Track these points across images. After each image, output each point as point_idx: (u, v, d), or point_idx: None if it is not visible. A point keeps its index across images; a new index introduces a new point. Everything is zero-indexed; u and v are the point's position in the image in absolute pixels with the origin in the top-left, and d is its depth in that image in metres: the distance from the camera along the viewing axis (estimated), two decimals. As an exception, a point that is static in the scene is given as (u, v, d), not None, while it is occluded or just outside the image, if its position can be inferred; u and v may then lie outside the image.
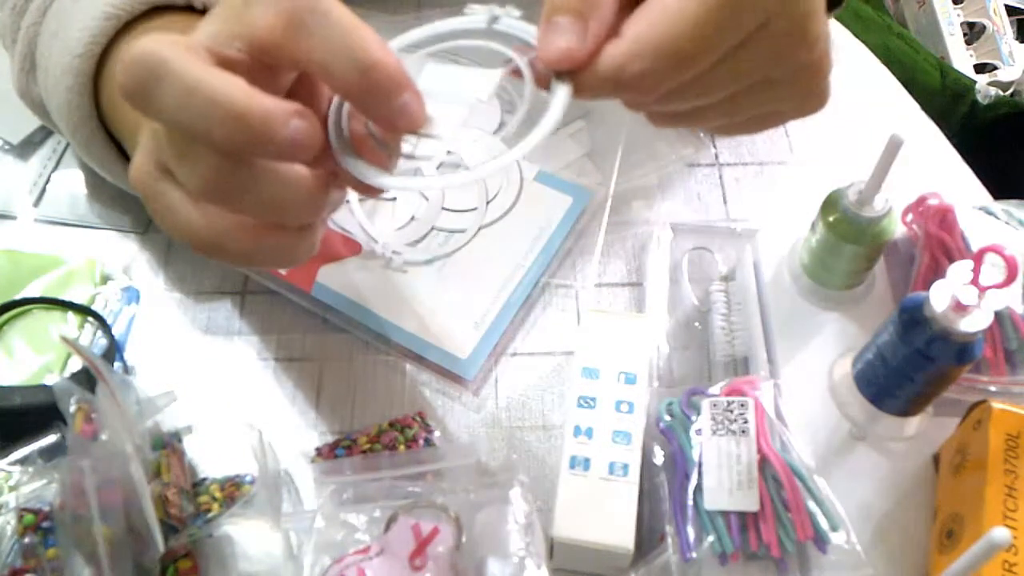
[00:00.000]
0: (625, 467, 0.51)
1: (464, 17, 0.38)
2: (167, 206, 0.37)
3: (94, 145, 0.55)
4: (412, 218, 0.64)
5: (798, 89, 0.40)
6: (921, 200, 0.57)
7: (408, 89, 0.34)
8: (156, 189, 0.37)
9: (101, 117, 0.54)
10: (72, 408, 0.49)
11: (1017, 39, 1.15)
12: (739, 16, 0.34)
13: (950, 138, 0.71)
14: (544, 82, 0.35)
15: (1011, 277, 0.45)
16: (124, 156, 0.56)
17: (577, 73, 0.34)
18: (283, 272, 0.60)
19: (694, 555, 0.47)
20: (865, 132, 0.71)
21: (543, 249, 0.63)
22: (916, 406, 0.52)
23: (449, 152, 0.60)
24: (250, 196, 0.35)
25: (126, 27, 0.52)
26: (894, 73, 0.75)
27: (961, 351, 0.47)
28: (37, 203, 0.65)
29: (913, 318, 0.48)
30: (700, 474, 0.49)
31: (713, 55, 0.34)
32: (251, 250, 0.37)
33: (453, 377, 0.58)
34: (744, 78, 0.37)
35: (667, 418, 0.52)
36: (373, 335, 0.59)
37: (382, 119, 0.35)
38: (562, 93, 0.34)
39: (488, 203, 0.64)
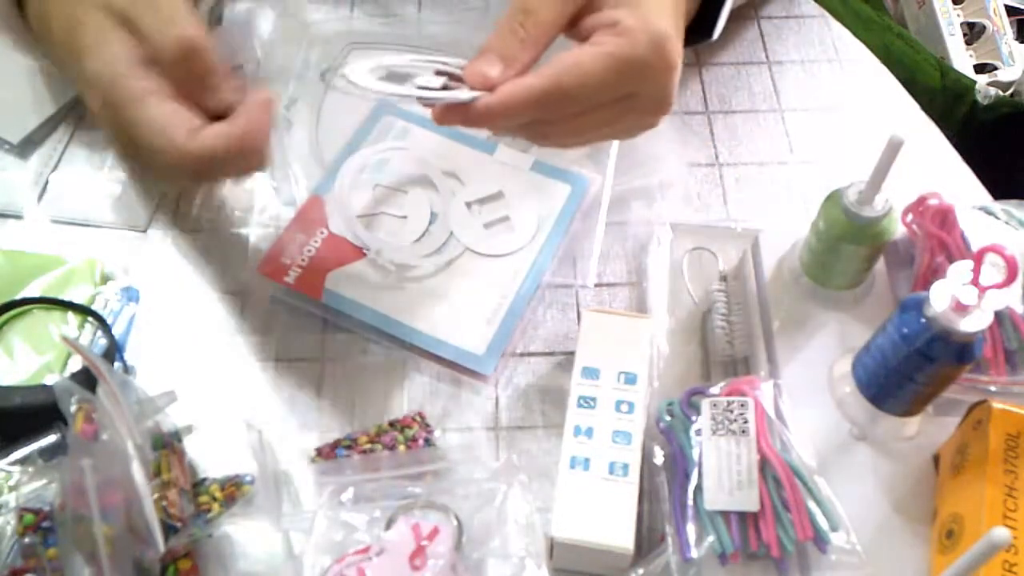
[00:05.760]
0: (625, 467, 0.51)
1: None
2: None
3: None
4: (427, 231, 0.63)
5: (631, 134, 0.53)
6: (921, 200, 0.57)
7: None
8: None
9: None
10: (72, 408, 0.49)
11: (1017, 39, 1.15)
12: (616, 86, 0.47)
13: (950, 138, 0.71)
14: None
15: (1011, 277, 0.45)
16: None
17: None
18: (291, 282, 0.60)
19: (694, 555, 0.47)
20: (865, 132, 0.71)
21: (547, 239, 0.63)
22: (916, 406, 0.52)
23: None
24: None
25: None
26: (894, 73, 0.75)
27: (961, 351, 0.47)
28: (37, 203, 0.65)
29: (913, 318, 0.48)
30: (700, 474, 0.49)
31: (589, 105, 0.47)
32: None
33: (472, 374, 0.58)
34: (605, 126, 0.50)
35: (667, 418, 0.52)
36: (387, 337, 0.59)
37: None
38: (466, 95, 0.46)
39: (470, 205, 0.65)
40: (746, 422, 0.50)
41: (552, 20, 0.47)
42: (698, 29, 0.65)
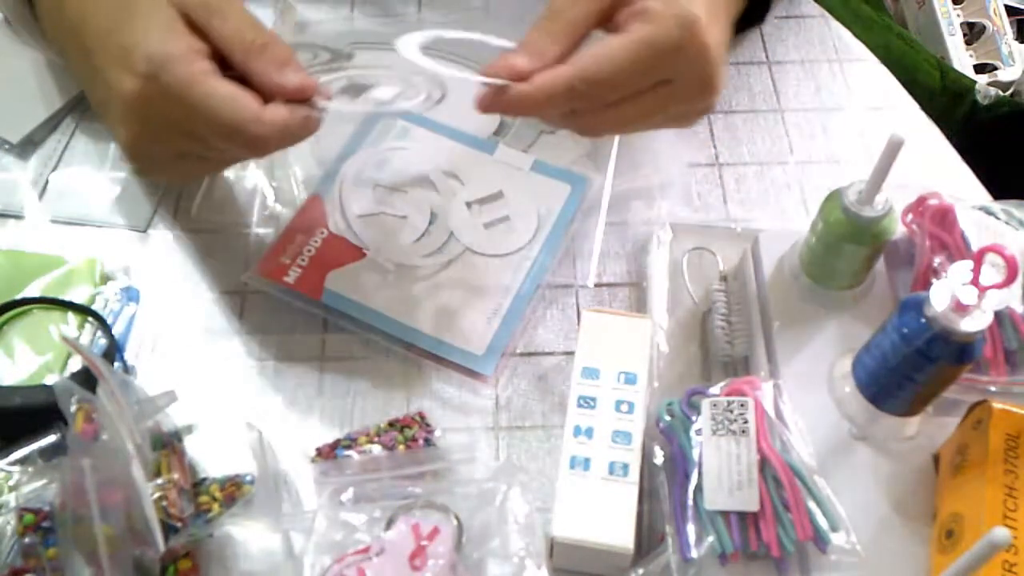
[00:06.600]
0: (625, 467, 0.51)
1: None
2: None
3: None
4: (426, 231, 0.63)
5: (687, 120, 0.54)
6: (921, 200, 0.57)
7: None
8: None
9: None
10: (73, 408, 0.49)
11: (1017, 39, 1.15)
12: (648, 71, 0.47)
13: (950, 138, 0.71)
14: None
15: (1011, 277, 0.45)
16: None
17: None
18: (291, 282, 0.60)
19: (694, 555, 0.47)
20: (865, 132, 0.71)
21: (547, 239, 0.63)
22: (916, 406, 0.52)
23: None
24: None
25: None
26: (894, 73, 0.75)
27: (961, 351, 0.47)
28: (38, 203, 0.65)
29: (913, 318, 0.48)
30: (700, 474, 0.49)
31: (623, 91, 0.48)
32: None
33: (472, 374, 0.58)
34: (648, 114, 0.50)
35: (667, 418, 0.52)
36: (387, 338, 0.59)
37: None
38: (500, 81, 0.47)
39: (470, 204, 0.65)
40: (746, 422, 0.50)
41: (580, 16, 0.48)
42: (752, 14, 0.65)
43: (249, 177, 0.66)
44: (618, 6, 0.49)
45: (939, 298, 0.47)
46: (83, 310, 0.59)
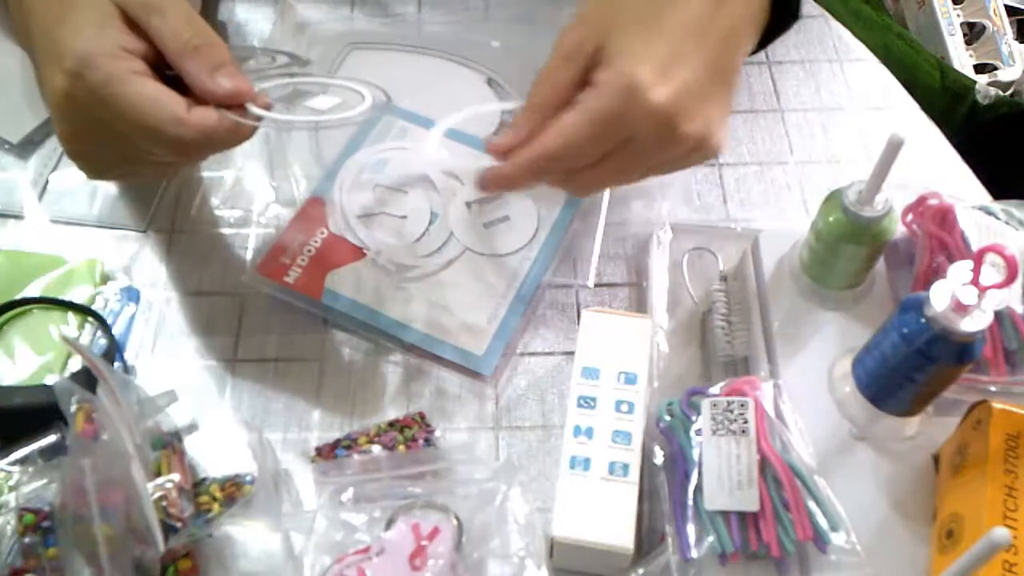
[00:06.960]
0: (625, 467, 0.51)
1: None
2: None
3: None
4: (426, 231, 0.63)
5: (684, 164, 0.52)
6: (921, 200, 0.57)
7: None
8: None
9: None
10: (73, 408, 0.49)
11: (1017, 39, 1.15)
12: (600, 138, 0.47)
13: (950, 138, 0.71)
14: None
15: (1011, 277, 0.45)
16: None
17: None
18: (291, 282, 0.60)
19: (694, 555, 0.47)
20: (865, 132, 0.71)
21: (547, 239, 0.63)
22: (916, 406, 0.52)
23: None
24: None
25: None
26: (894, 73, 0.75)
27: (961, 351, 0.47)
28: (37, 203, 0.65)
29: (913, 318, 0.48)
30: (700, 474, 0.49)
31: (586, 159, 0.48)
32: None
33: (472, 374, 0.58)
34: (627, 169, 0.50)
35: (667, 418, 0.52)
36: (387, 337, 0.59)
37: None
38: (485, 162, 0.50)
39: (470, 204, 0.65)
40: (746, 422, 0.50)
41: (563, 81, 0.49)
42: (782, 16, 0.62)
43: (249, 177, 0.66)
44: (590, 69, 0.49)
45: (939, 298, 0.47)
46: (83, 310, 0.59)
